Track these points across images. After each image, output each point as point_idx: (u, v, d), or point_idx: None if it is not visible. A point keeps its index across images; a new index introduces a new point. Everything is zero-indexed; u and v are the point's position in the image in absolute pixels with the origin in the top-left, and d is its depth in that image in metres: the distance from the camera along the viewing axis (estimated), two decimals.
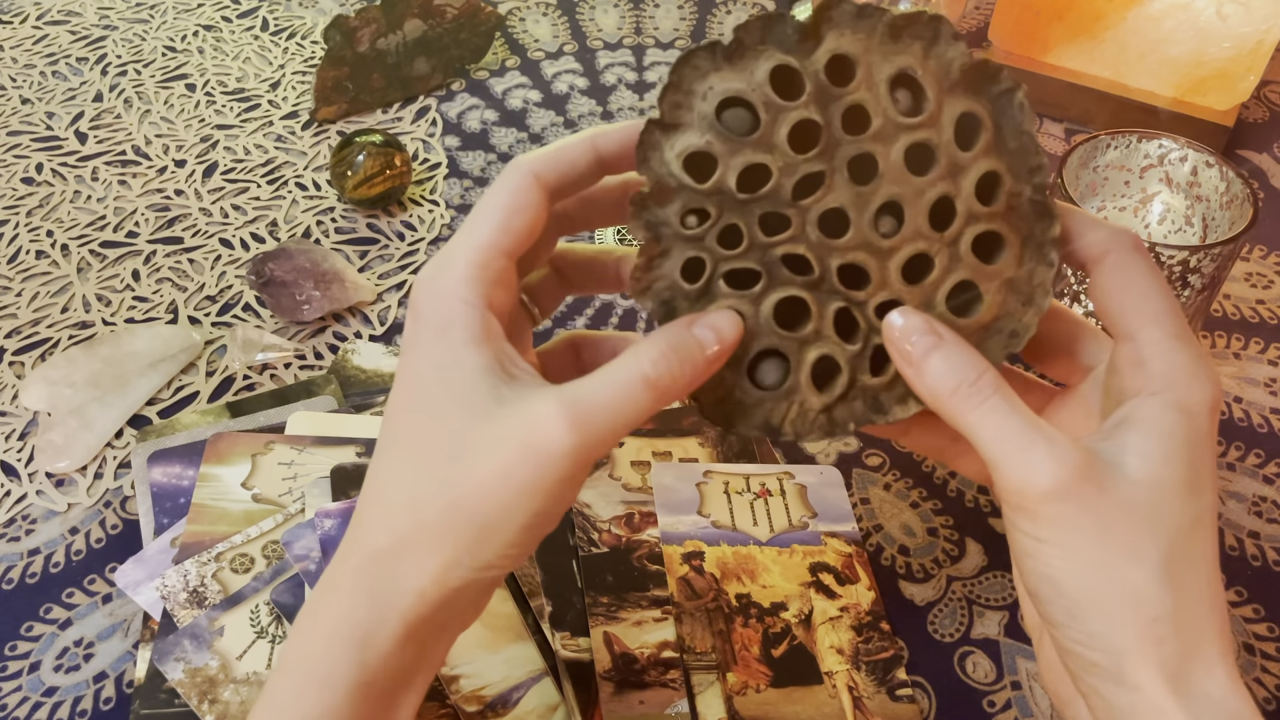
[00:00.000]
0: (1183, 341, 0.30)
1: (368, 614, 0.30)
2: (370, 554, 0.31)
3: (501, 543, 0.29)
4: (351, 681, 0.30)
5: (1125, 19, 0.69)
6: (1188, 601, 0.28)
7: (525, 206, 0.30)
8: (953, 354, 0.30)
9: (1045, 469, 0.28)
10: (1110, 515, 0.28)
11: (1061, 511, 0.28)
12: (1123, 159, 0.55)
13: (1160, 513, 0.28)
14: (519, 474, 0.29)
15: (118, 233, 0.66)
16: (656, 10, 0.86)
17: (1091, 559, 0.28)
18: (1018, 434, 0.29)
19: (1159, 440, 0.29)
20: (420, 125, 0.74)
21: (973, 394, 0.29)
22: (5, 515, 0.51)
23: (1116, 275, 0.31)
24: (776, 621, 0.46)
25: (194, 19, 0.84)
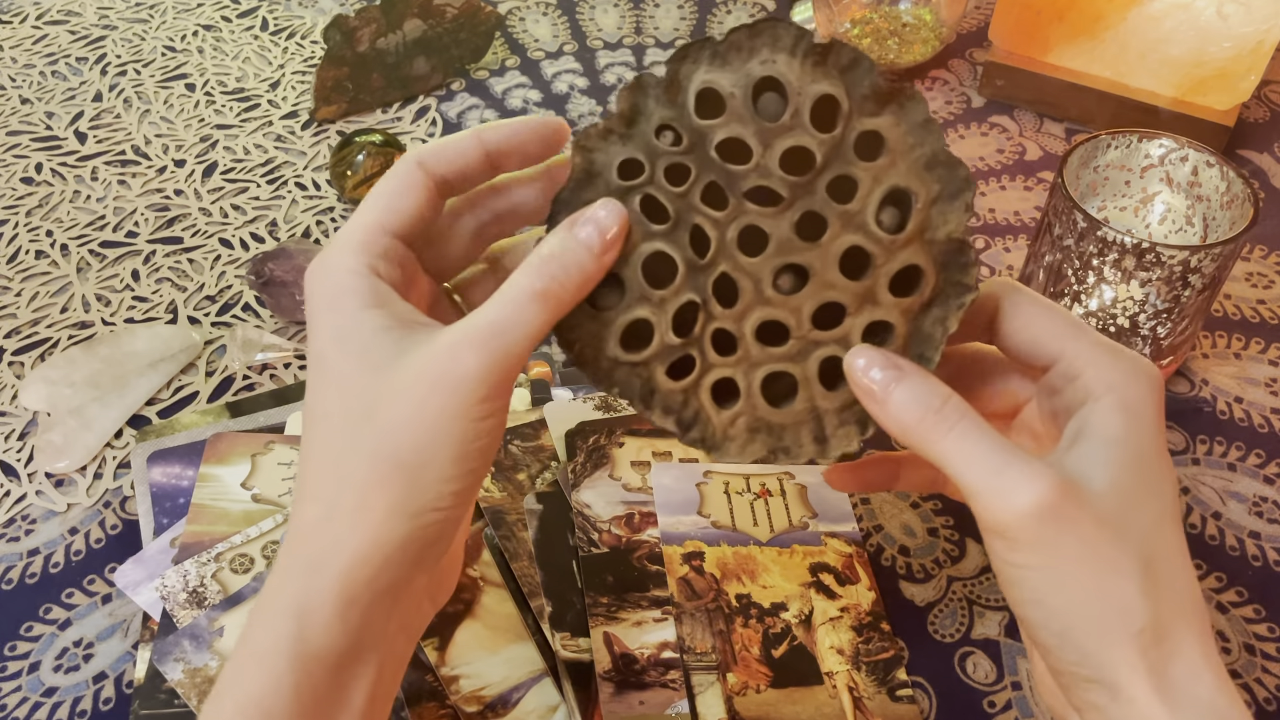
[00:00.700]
0: (1106, 345, 0.31)
1: (302, 583, 0.30)
2: (303, 526, 0.30)
3: (434, 480, 0.29)
4: (291, 654, 0.29)
5: (1125, 19, 0.69)
6: (1166, 605, 0.28)
7: (408, 189, 0.32)
8: (915, 384, 0.30)
9: (1022, 490, 0.28)
10: (1089, 531, 0.28)
11: (1042, 533, 0.28)
12: (1123, 159, 0.55)
13: (1130, 521, 0.28)
14: (432, 405, 0.29)
15: (117, 233, 0.66)
16: (656, 10, 0.86)
17: (1076, 578, 0.28)
18: (989, 457, 0.29)
19: (1115, 447, 0.29)
20: (420, 125, 0.74)
21: (939, 421, 0.29)
22: (5, 515, 0.51)
23: (1016, 313, 0.32)
24: (776, 622, 0.46)
25: (194, 19, 0.84)
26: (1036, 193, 0.69)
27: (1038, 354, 0.32)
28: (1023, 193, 0.69)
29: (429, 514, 0.30)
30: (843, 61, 0.31)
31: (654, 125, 0.31)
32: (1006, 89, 0.75)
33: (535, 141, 0.34)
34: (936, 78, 0.79)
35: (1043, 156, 0.72)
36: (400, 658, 0.33)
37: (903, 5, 0.74)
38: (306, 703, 0.29)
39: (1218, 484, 0.53)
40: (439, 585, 0.35)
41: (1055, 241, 0.52)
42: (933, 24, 0.75)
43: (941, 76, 0.79)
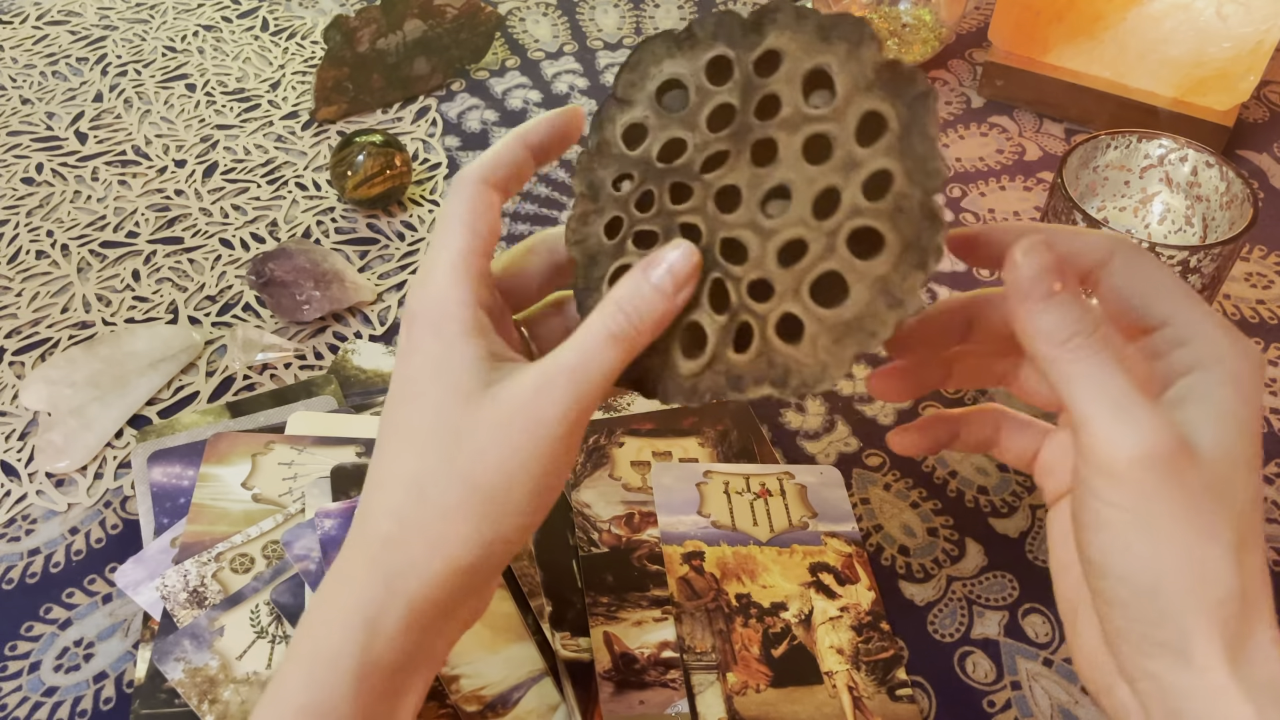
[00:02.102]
0: (1217, 317, 0.30)
1: (375, 595, 0.31)
2: (379, 540, 0.31)
3: (511, 512, 0.31)
4: (356, 663, 0.30)
5: (1125, 19, 0.69)
6: (1250, 582, 0.28)
7: (484, 209, 0.33)
8: (1072, 305, 0.29)
9: (1143, 433, 0.28)
10: (1195, 492, 0.28)
11: (1149, 480, 0.28)
12: (1123, 159, 0.55)
13: (1232, 491, 0.28)
14: (518, 441, 0.30)
15: (118, 233, 0.66)
16: (656, 10, 0.86)
17: (1170, 534, 0.28)
18: (1119, 395, 0.28)
19: (1226, 417, 0.29)
20: (420, 125, 0.74)
21: (1086, 346, 0.29)
22: (5, 515, 0.51)
23: (1129, 272, 0.31)
24: (776, 621, 0.46)
25: (194, 19, 0.84)
26: (1036, 193, 0.69)
27: (1146, 313, 0.31)
28: (1022, 193, 0.69)
29: (500, 544, 0.31)
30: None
31: (610, 182, 0.34)
32: (1006, 89, 0.75)
33: (566, 129, 0.36)
34: (936, 78, 0.79)
35: (1042, 157, 0.72)
36: (438, 667, 0.33)
37: (902, 5, 0.74)
38: (364, 711, 0.31)
39: None
40: (483, 602, 0.35)
41: None
42: (932, 24, 0.75)
43: (941, 77, 0.79)
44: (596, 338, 0.31)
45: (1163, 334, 0.31)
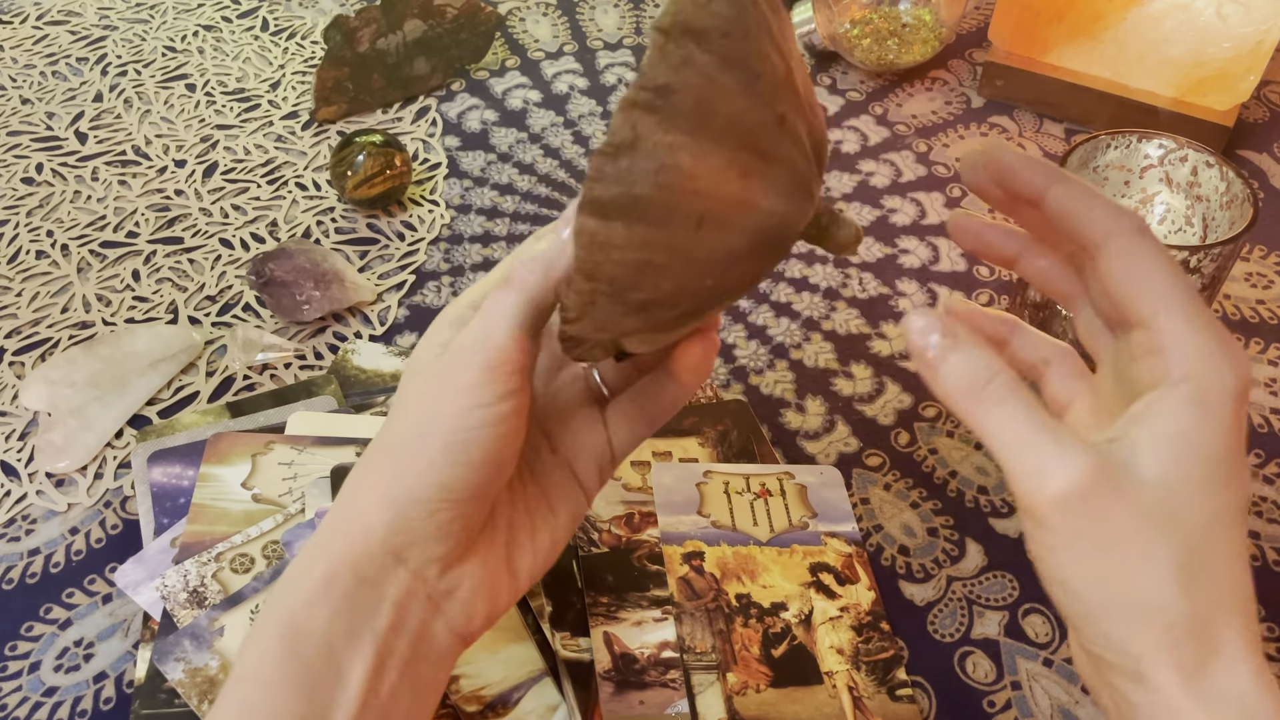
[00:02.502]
0: (1201, 325, 0.28)
1: (302, 559, 0.33)
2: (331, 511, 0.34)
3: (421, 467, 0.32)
4: (282, 624, 0.32)
5: (1125, 19, 0.69)
6: (1206, 603, 0.28)
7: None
8: (968, 355, 0.29)
9: (1055, 473, 0.28)
10: (1121, 522, 0.28)
11: (1071, 518, 0.28)
12: (1123, 159, 0.55)
13: (1175, 515, 0.28)
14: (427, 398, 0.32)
15: (118, 233, 0.66)
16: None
17: (1103, 566, 0.28)
18: (1029, 438, 0.28)
19: (1174, 439, 0.28)
20: (420, 125, 0.74)
21: (986, 396, 0.29)
22: (5, 515, 0.51)
23: (1123, 260, 0.30)
24: (776, 621, 0.46)
25: (194, 19, 0.84)
26: None
27: (1129, 309, 0.30)
28: None
29: (415, 505, 0.32)
30: None
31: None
32: (1006, 89, 0.75)
33: None
34: (936, 78, 0.79)
35: (1042, 157, 0.72)
36: (402, 660, 0.32)
37: (902, 5, 0.74)
38: (294, 674, 0.31)
39: (1246, 472, 0.53)
40: (464, 613, 0.34)
41: None
42: (932, 24, 0.75)
43: (941, 77, 0.79)
44: (496, 282, 0.32)
45: (1140, 336, 0.30)
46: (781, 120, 0.28)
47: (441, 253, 0.65)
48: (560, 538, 0.37)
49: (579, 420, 0.38)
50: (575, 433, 0.38)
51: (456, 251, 0.65)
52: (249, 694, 0.31)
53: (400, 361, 0.57)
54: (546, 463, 0.37)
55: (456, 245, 0.65)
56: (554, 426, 0.38)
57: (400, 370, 0.57)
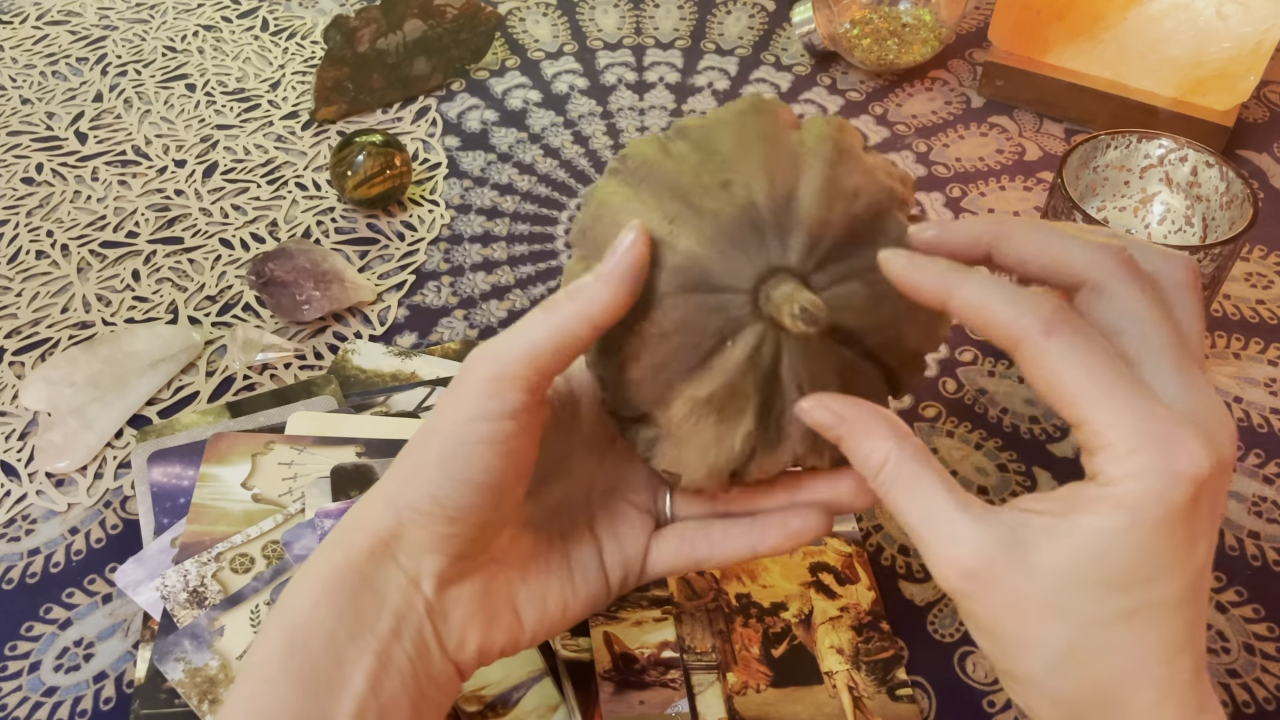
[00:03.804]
0: (1131, 426, 0.27)
1: (308, 563, 0.33)
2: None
3: (418, 479, 0.32)
4: (283, 621, 0.32)
5: (1125, 19, 0.69)
6: (1105, 689, 0.28)
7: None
8: (855, 447, 0.31)
9: (948, 547, 0.29)
10: (1006, 604, 0.28)
11: (964, 591, 0.29)
12: (1123, 159, 0.55)
13: (1064, 607, 0.28)
14: (439, 408, 0.33)
15: (118, 233, 0.66)
16: (656, 10, 0.86)
17: (993, 641, 0.30)
18: (930, 512, 0.29)
19: (1075, 537, 0.27)
20: (420, 125, 0.74)
21: (884, 480, 0.31)
22: (5, 515, 0.51)
23: (1035, 367, 0.28)
24: (776, 621, 0.46)
25: (194, 19, 0.84)
26: (1036, 193, 0.69)
27: (1061, 413, 0.28)
28: (1022, 193, 0.69)
29: (411, 513, 0.32)
30: None
31: None
32: (1006, 89, 0.75)
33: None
34: (936, 78, 0.79)
35: (1042, 157, 0.72)
36: (401, 670, 0.32)
37: (902, 5, 0.74)
38: (297, 666, 0.31)
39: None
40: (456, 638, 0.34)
41: None
42: (932, 24, 0.75)
43: (941, 77, 0.79)
44: (528, 318, 0.32)
45: (1079, 434, 0.28)
46: (726, 184, 0.32)
47: (441, 253, 0.65)
48: (575, 609, 0.37)
49: (626, 522, 0.38)
50: (618, 531, 0.38)
51: (456, 251, 0.65)
52: (253, 690, 0.31)
53: (400, 361, 0.57)
54: (582, 539, 0.37)
55: (456, 245, 0.65)
56: (600, 512, 0.38)
57: (400, 370, 0.57)
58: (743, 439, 0.33)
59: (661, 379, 0.33)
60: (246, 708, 0.31)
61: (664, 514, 0.38)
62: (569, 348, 0.32)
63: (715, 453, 0.34)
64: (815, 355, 0.33)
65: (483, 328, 0.60)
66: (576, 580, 0.37)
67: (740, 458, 0.34)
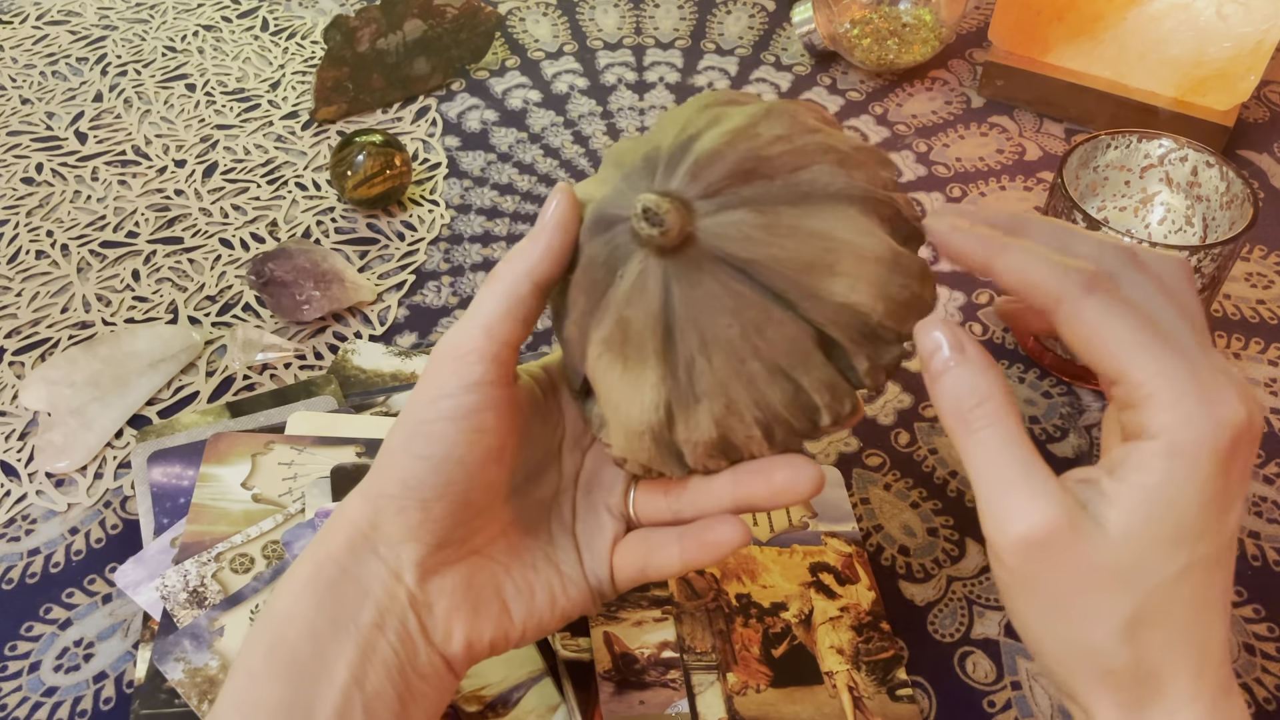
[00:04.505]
0: (1175, 376, 0.27)
1: (299, 561, 0.34)
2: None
3: (393, 464, 0.32)
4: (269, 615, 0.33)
5: (1125, 19, 0.69)
6: (1155, 652, 0.28)
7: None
8: (962, 376, 0.29)
9: (1018, 516, 0.28)
10: (1077, 574, 0.28)
11: (1025, 562, 0.28)
12: (1123, 159, 0.55)
13: (1135, 571, 0.28)
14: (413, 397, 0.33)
15: (118, 233, 0.66)
16: (656, 10, 0.86)
17: (1053, 613, 0.29)
18: (1001, 472, 0.28)
19: (1145, 494, 0.27)
20: (420, 125, 0.74)
21: (969, 420, 0.29)
22: (5, 515, 0.51)
23: (1074, 325, 0.29)
24: (776, 621, 0.46)
25: (194, 19, 0.84)
26: (1036, 193, 0.69)
27: (1099, 369, 0.29)
28: (1022, 193, 0.69)
29: (384, 500, 0.32)
30: None
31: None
32: (1006, 89, 0.75)
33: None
34: (936, 78, 0.79)
35: (1042, 157, 0.72)
36: (386, 661, 0.32)
37: (903, 5, 0.74)
38: (279, 658, 0.31)
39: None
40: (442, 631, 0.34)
41: None
42: (932, 24, 0.75)
43: (941, 77, 0.79)
44: (476, 296, 0.33)
45: (1117, 391, 0.29)
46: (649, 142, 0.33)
47: (441, 253, 0.65)
48: (565, 607, 0.36)
49: (597, 524, 0.37)
50: (590, 534, 0.37)
51: (456, 251, 0.65)
52: (239, 684, 0.32)
53: (400, 361, 0.57)
54: (566, 535, 0.37)
55: (456, 245, 0.65)
56: (581, 513, 0.37)
57: (400, 370, 0.57)
58: (652, 388, 0.31)
59: (582, 329, 0.33)
60: (233, 702, 0.31)
61: (632, 516, 0.37)
62: (517, 308, 0.32)
63: (629, 406, 0.32)
64: (707, 288, 0.30)
65: None
66: (565, 577, 0.36)
67: (656, 415, 0.32)
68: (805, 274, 0.30)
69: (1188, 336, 0.29)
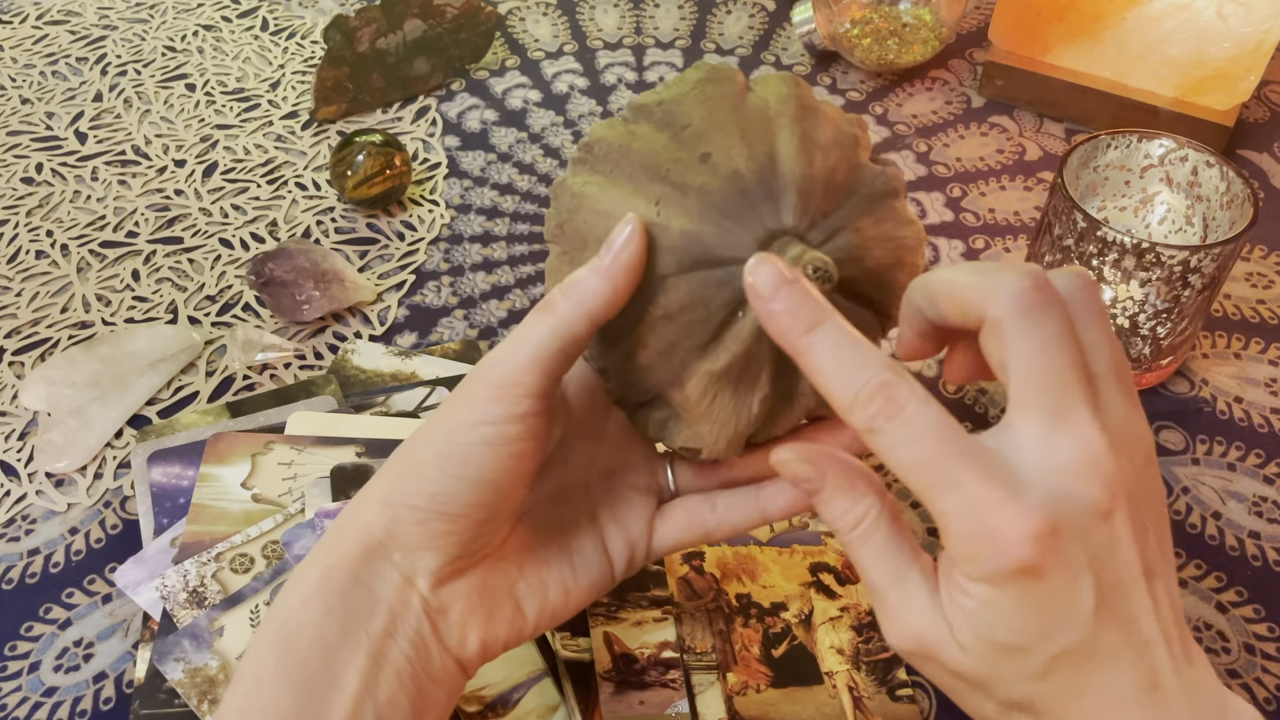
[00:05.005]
0: (954, 510, 0.27)
1: (306, 560, 0.34)
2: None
3: (416, 479, 0.32)
4: (275, 619, 0.32)
5: (1125, 19, 0.69)
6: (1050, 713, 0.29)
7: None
8: (833, 501, 0.31)
9: (892, 630, 0.30)
10: (948, 675, 0.30)
11: (910, 659, 0.31)
12: (1123, 159, 0.55)
13: (992, 678, 0.29)
14: (440, 409, 0.33)
15: (118, 233, 0.66)
16: (656, 10, 0.86)
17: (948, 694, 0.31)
18: (879, 585, 0.31)
19: (966, 618, 0.28)
20: (420, 125, 0.74)
21: (847, 542, 0.31)
22: (5, 515, 0.51)
23: (873, 443, 0.29)
24: (777, 621, 0.46)
25: (194, 19, 0.84)
26: (1036, 193, 0.69)
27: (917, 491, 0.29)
28: (1022, 193, 0.69)
29: (407, 510, 0.32)
30: None
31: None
32: (1006, 89, 0.75)
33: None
34: (936, 78, 0.79)
35: (1043, 156, 0.72)
36: (398, 668, 0.32)
37: (903, 5, 0.74)
38: (289, 665, 0.31)
39: (1217, 484, 0.53)
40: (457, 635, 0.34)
41: (1055, 242, 0.52)
42: (933, 24, 0.75)
43: (941, 76, 0.79)
44: (526, 322, 0.32)
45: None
46: (705, 158, 0.32)
47: (441, 253, 0.65)
48: (577, 596, 0.37)
49: (627, 504, 0.38)
50: (620, 514, 0.38)
51: (456, 251, 0.65)
52: (246, 691, 0.31)
53: (400, 361, 0.57)
54: (581, 526, 0.37)
55: (456, 245, 0.65)
56: (601, 496, 0.38)
57: (400, 370, 0.57)
58: (760, 403, 0.34)
59: (675, 360, 0.33)
60: (240, 709, 0.31)
61: (667, 490, 0.39)
62: (571, 347, 0.32)
63: (735, 422, 0.34)
64: None
65: (483, 328, 0.60)
66: (577, 567, 0.37)
67: (758, 421, 0.34)
68: (886, 275, 0.34)
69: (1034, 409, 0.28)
